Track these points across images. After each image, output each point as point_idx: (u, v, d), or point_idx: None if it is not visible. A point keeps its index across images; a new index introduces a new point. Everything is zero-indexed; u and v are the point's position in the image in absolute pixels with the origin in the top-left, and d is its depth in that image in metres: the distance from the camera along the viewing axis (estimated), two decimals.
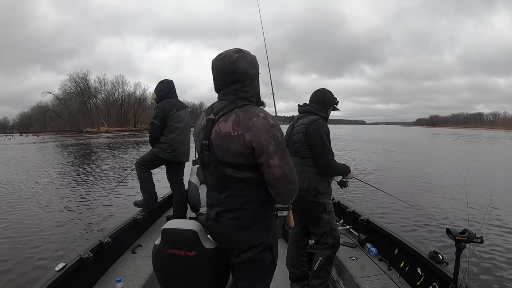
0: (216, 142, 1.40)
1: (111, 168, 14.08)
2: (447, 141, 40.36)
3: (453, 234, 1.82)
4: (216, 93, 1.56)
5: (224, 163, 1.40)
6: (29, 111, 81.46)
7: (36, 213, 6.98)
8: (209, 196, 1.55)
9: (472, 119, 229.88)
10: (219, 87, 1.51)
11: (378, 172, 12.13)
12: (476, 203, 6.20)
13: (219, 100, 1.51)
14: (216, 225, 1.49)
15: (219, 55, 1.48)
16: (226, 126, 1.38)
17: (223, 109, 1.43)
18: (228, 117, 1.39)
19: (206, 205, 1.59)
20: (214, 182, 1.49)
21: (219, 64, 1.46)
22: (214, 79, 1.51)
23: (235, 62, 1.42)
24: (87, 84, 76.23)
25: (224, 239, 1.51)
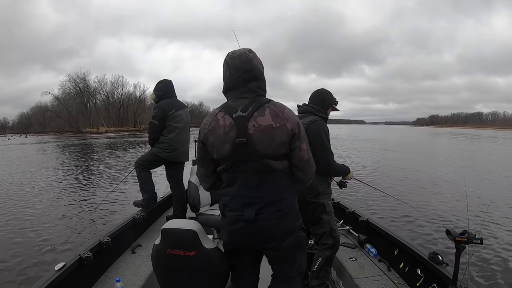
0: (258, 137, 1.43)
1: (111, 168, 14.09)
2: (446, 140, 40.40)
3: (453, 235, 1.81)
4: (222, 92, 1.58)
5: (268, 156, 1.46)
6: (28, 112, 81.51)
7: (36, 213, 6.99)
8: (242, 196, 1.50)
9: (471, 119, 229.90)
10: (235, 85, 1.51)
11: (375, 172, 12.16)
12: (476, 204, 6.23)
13: (237, 98, 1.51)
14: (255, 223, 1.48)
15: (233, 53, 1.50)
16: (265, 119, 1.45)
17: (252, 106, 1.47)
18: (263, 112, 1.46)
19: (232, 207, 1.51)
20: (251, 179, 1.48)
21: (235, 62, 1.48)
22: (229, 77, 1.51)
23: (252, 60, 1.50)
24: (87, 85, 76.26)
25: (265, 235, 1.53)
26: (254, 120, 1.44)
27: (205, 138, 1.51)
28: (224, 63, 1.52)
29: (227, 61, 1.50)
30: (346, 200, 4.00)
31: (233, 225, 1.52)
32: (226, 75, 1.52)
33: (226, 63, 1.51)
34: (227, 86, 1.54)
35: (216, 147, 1.48)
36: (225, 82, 1.54)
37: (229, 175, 1.50)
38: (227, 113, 1.48)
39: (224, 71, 1.53)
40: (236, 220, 1.50)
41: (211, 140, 1.49)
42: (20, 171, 13.37)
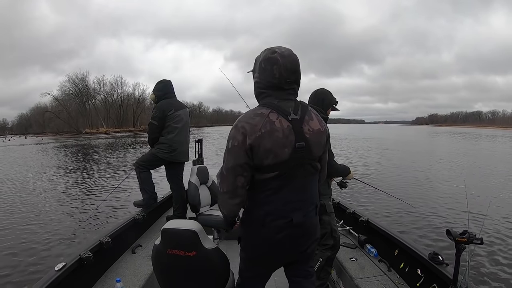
0: (313, 140, 1.44)
1: (111, 168, 14.08)
2: (444, 139, 40.46)
3: (453, 235, 1.81)
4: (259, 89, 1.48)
5: (319, 158, 1.52)
6: (28, 113, 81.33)
7: (36, 213, 7.00)
8: (292, 201, 1.44)
9: (471, 118, 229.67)
10: (281, 85, 1.42)
11: (372, 171, 12.16)
12: (476, 204, 6.23)
13: (282, 100, 1.43)
14: (302, 227, 1.48)
15: (282, 51, 1.41)
16: (315, 123, 1.47)
17: (300, 109, 1.45)
18: (311, 116, 1.48)
19: (278, 215, 1.43)
20: (302, 183, 1.46)
21: (286, 62, 1.40)
22: (276, 76, 1.40)
23: (299, 62, 1.46)
24: (86, 85, 76.15)
25: (309, 238, 1.54)
26: (307, 123, 1.43)
27: (256, 142, 1.35)
28: (267, 60, 1.41)
29: (277, 59, 1.39)
30: (346, 201, 4.00)
31: (278, 233, 1.44)
32: (271, 74, 1.40)
33: (272, 60, 1.40)
34: (269, 85, 1.43)
35: (273, 152, 1.36)
36: (267, 80, 1.42)
37: (280, 182, 1.41)
38: (281, 115, 1.39)
39: (268, 69, 1.41)
40: (282, 228, 1.44)
41: (267, 144, 1.35)
42: (22, 171, 13.38)
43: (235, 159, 1.37)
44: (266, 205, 1.43)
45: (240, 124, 1.38)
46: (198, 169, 3.43)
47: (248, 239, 1.53)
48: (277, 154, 1.36)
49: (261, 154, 1.36)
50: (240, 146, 1.36)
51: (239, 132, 1.36)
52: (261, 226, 1.44)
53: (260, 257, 1.53)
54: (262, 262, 1.56)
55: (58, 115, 71.07)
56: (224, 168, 1.41)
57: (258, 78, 1.46)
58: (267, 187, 1.42)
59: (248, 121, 1.37)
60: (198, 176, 3.37)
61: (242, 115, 1.43)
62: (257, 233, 1.47)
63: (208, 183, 3.53)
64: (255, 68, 1.49)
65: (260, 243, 1.48)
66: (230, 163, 1.39)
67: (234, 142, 1.37)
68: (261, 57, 1.44)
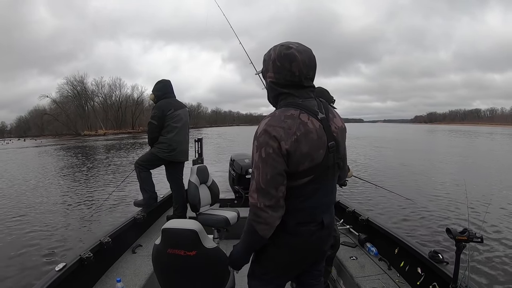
0: (340, 138, 1.40)
1: (111, 169, 14.09)
2: (442, 137, 40.48)
3: (453, 234, 1.81)
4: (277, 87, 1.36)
5: (344, 158, 1.47)
6: (26, 115, 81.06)
7: (37, 214, 7.01)
8: (324, 204, 1.40)
9: (469, 116, 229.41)
10: (302, 82, 1.33)
11: (368, 169, 12.16)
12: (476, 202, 6.23)
13: (306, 98, 1.34)
14: (329, 228, 1.45)
15: (298, 46, 1.32)
16: (338, 121, 1.42)
17: (322, 107, 1.38)
18: (333, 113, 1.43)
19: (309, 220, 1.37)
20: (331, 184, 1.42)
21: (305, 57, 1.31)
22: (296, 73, 1.30)
23: (315, 57, 1.37)
24: (84, 87, 76.24)
25: (331, 236, 1.52)
26: (333, 122, 1.38)
27: (292, 147, 1.23)
28: (283, 57, 1.30)
29: (295, 55, 1.29)
30: (346, 199, 4.01)
31: (310, 238, 1.38)
32: (290, 71, 1.30)
33: (290, 57, 1.29)
34: (290, 83, 1.33)
35: (310, 155, 1.27)
36: (286, 79, 1.32)
37: (314, 186, 1.32)
38: (311, 115, 1.30)
39: (286, 67, 1.30)
40: (313, 232, 1.38)
41: (304, 148, 1.25)
42: (22, 171, 13.36)
43: (273, 168, 1.24)
44: (299, 213, 1.34)
45: (270, 129, 1.24)
46: (198, 168, 3.43)
47: (275, 251, 1.41)
48: (313, 158, 1.27)
49: (298, 159, 1.25)
50: (276, 153, 1.23)
51: (271, 137, 1.23)
52: (293, 236, 1.36)
53: (288, 266, 1.45)
54: (288, 271, 1.49)
55: (56, 118, 70.90)
56: (262, 182, 1.24)
57: (274, 78, 1.34)
58: (301, 193, 1.32)
59: (279, 125, 1.24)
60: (198, 176, 3.37)
61: (268, 117, 1.29)
62: (288, 243, 1.38)
63: (208, 182, 3.53)
64: (267, 67, 1.37)
65: (290, 252, 1.40)
66: (269, 174, 1.24)
67: (268, 149, 1.23)
68: (274, 54, 1.32)
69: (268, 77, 1.37)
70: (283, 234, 1.35)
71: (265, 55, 1.39)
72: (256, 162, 1.26)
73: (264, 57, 1.40)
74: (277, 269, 1.46)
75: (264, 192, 1.24)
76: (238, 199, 4.41)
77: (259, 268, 1.48)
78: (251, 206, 1.28)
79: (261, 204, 1.24)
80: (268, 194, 1.24)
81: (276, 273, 1.47)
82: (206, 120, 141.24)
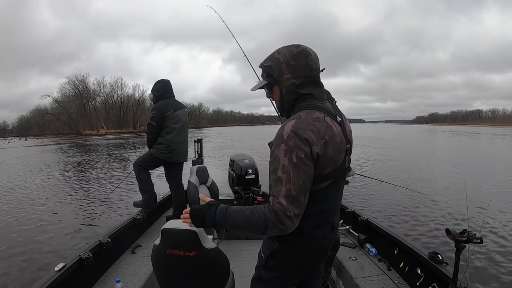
0: (351, 141, 1.40)
1: (111, 169, 14.09)
2: (444, 138, 40.40)
3: (453, 235, 1.81)
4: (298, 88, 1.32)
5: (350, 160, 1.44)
6: (28, 115, 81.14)
7: (37, 214, 7.01)
8: (335, 206, 1.42)
9: (471, 116, 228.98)
10: (316, 79, 1.33)
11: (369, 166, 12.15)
12: (475, 203, 6.21)
13: (323, 101, 1.34)
14: (335, 229, 1.47)
15: (308, 47, 1.31)
16: (348, 123, 1.42)
17: (335, 109, 1.37)
18: (344, 115, 1.42)
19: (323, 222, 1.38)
20: (342, 186, 1.42)
21: (313, 52, 1.32)
22: (315, 68, 1.31)
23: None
24: (86, 87, 76.16)
25: (334, 240, 1.53)
26: (346, 124, 1.38)
27: (321, 151, 1.20)
28: (296, 54, 1.28)
29: (307, 50, 1.29)
30: (346, 200, 4.00)
31: (323, 240, 1.40)
32: (308, 66, 1.29)
33: (304, 52, 1.29)
34: (309, 80, 1.31)
35: (334, 159, 1.25)
36: (306, 75, 1.29)
37: (332, 189, 1.32)
38: (333, 118, 1.29)
39: (303, 63, 1.29)
40: (326, 234, 1.39)
41: (330, 152, 1.23)
42: (22, 171, 13.38)
43: (306, 173, 1.18)
44: (315, 216, 1.33)
45: (300, 131, 1.18)
46: (198, 169, 3.43)
47: (289, 256, 1.39)
48: (335, 161, 1.26)
49: (324, 163, 1.23)
50: (308, 158, 1.18)
51: (302, 140, 1.18)
52: (308, 240, 1.35)
53: (299, 269, 1.45)
54: (299, 274, 1.48)
55: (58, 117, 71.01)
56: (293, 189, 1.16)
57: (293, 78, 1.29)
58: (320, 197, 1.29)
59: (309, 128, 1.20)
60: (197, 176, 3.38)
61: (294, 120, 1.23)
62: (302, 247, 1.37)
63: (208, 183, 3.53)
64: (279, 71, 1.31)
65: (303, 256, 1.40)
66: (301, 180, 1.17)
67: (300, 153, 1.17)
68: (285, 56, 1.29)
69: (285, 79, 1.30)
70: (298, 239, 1.34)
71: (266, 63, 1.35)
72: (286, 167, 1.18)
73: (266, 65, 1.35)
74: (289, 273, 1.45)
75: (294, 199, 1.17)
76: (238, 200, 4.41)
77: (269, 272, 1.46)
78: (278, 211, 1.16)
79: (291, 213, 1.16)
80: (297, 202, 1.17)
81: (288, 277, 1.47)
82: (208, 120, 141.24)
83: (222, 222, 1.27)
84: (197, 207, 1.34)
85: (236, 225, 1.25)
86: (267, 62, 1.34)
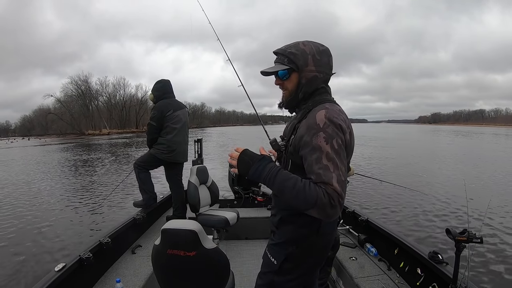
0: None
1: (111, 169, 14.13)
2: (445, 138, 40.25)
3: (453, 234, 1.81)
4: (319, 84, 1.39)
5: None
6: (30, 115, 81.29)
7: (37, 214, 7.04)
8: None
9: (473, 116, 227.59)
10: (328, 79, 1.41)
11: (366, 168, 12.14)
12: (476, 203, 6.21)
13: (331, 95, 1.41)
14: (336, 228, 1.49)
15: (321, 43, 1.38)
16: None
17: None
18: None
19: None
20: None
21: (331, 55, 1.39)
22: (330, 74, 1.40)
23: None
24: (89, 87, 76.22)
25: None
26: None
27: (349, 140, 1.28)
28: (321, 52, 1.36)
29: (329, 51, 1.38)
30: (346, 200, 4.00)
31: (331, 235, 1.45)
32: (329, 66, 1.38)
33: (328, 52, 1.37)
34: (327, 78, 1.40)
35: (352, 151, 1.35)
36: (326, 73, 1.38)
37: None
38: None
39: (326, 62, 1.37)
40: (334, 229, 1.47)
41: (352, 143, 1.32)
42: (22, 171, 13.44)
43: (344, 159, 1.23)
44: None
45: (335, 120, 1.23)
46: (198, 169, 3.44)
47: (304, 256, 1.41)
48: (351, 150, 1.32)
49: (348, 153, 1.28)
50: (344, 144, 1.24)
51: (337, 127, 1.22)
52: (320, 236, 1.38)
53: (312, 269, 1.47)
54: (312, 274, 1.51)
55: (61, 117, 71.13)
56: (343, 174, 1.18)
57: (315, 71, 1.34)
58: None
59: (340, 117, 1.26)
60: (197, 176, 3.38)
61: (324, 109, 1.26)
62: (315, 244, 1.39)
63: (208, 183, 3.54)
64: (304, 60, 1.34)
65: (317, 254, 1.43)
66: (344, 166, 1.20)
67: (339, 140, 1.21)
68: (311, 49, 1.34)
69: (308, 71, 1.34)
70: (316, 238, 1.36)
71: (290, 49, 1.35)
72: (330, 154, 1.18)
73: (291, 51, 1.35)
74: (304, 275, 1.45)
75: (344, 185, 1.18)
76: (237, 200, 4.42)
77: (284, 276, 1.43)
78: (333, 195, 1.13)
79: (343, 199, 1.17)
80: (345, 186, 1.19)
81: (302, 278, 1.46)
82: (210, 120, 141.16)
83: (269, 179, 1.23)
84: (251, 152, 1.30)
85: (281, 189, 1.21)
86: (291, 49, 1.35)
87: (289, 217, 1.39)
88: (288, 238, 1.40)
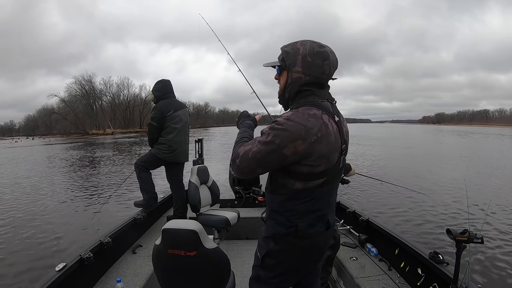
0: (348, 141, 1.42)
1: (112, 169, 14.20)
2: (448, 138, 40.06)
3: (454, 235, 1.80)
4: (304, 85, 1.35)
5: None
6: (35, 114, 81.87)
7: (37, 214, 7.09)
8: (330, 206, 1.43)
9: (478, 116, 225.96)
10: (324, 83, 1.36)
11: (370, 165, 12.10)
12: (476, 203, 6.18)
13: (323, 99, 1.34)
14: (331, 229, 1.47)
15: (328, 46, 1.34)
16: (346, 124, 1.43)
17: (334, 109, 1.37)
18: (342, 116, 1.42)
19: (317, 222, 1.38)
20: (337, 185, 1.45)
21: (334, 59, 1.34)
22: (326, 73, 1.33)
23: None
24: (93, 87, 76.66)
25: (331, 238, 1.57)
26: (343, 125, 1.39)
27: (311, 147, 1.22)
28: (316, 54, 1.30)
29: (328, 54, 1.31)
30: (346, 200, 4.00)
31: (319, 239, 1.41)
32: (321, 69, 1.31)
33: (324, 55, 1.30)
34: (315, 81, 1.33)
35: (327, 157, 1.27)
36: (315, 76, 1.32)
37: (327, 187, 1.34)
38: (330, 117, 1.30)
39: (318, 64, 1.30)
40: (321, 233, 1.40)
41: (323, 150, 1.25)
42: (23, 171, 13.51)
43: (267, 155, 1.24)
44: (310, 215, 1.35)
45: (289, 123, 1.22)
46: (199, 169, 3.44)
47: (285, 255, 1.42)
48: (329, 160, 1.28)
49: (315, 161, 1.24)
50: (280, 147, 1.22)
51: (283, 130, 1.22)
52: (303, 239, 1.37)
53: (297, 269, 1.47)
54: (296, 273, 1.50)
55: (65, 117, 71.52)
56: (252, 152, 1.26)
57: (301, 73, 1.31)
58: (314, 195, 1.32)
59: (301, 122, 1.22)
60: (198, 176, 3.39)
61: (290, 112, 1.27)
62: (298, 246, 1.38)
63: (208, 183, 3.54)
64: (292, 61, 1.32)
65: (300, 255, 1.42)
66: (259, 154, 1.24)
67: (276, 139, 1.22)
68: (304, 50, 1.30)
69: (295, 71, 1.32)
70: (293, 238, 1.36)
71: (286, 48, 1.36)
72: (259, 138, 1.28)
73: (285, 50, 1.36)
74: (287, 273, 1.46)
75: (246, 157, 1.28)
76: (238, 200, 4.42)
77: (267, 272, 1.47)
78: (235, 156, 1.33)
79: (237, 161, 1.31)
80: (246, 160, 1.28)
81: (285, 276, 1.47)
82: (214, 120, 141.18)
83: (239, 132, 1.55)
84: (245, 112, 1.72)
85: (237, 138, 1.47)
86: (287, 48, 1.36)
87: (271, 213, 1.43)
88: (269, 234, 1.43)
